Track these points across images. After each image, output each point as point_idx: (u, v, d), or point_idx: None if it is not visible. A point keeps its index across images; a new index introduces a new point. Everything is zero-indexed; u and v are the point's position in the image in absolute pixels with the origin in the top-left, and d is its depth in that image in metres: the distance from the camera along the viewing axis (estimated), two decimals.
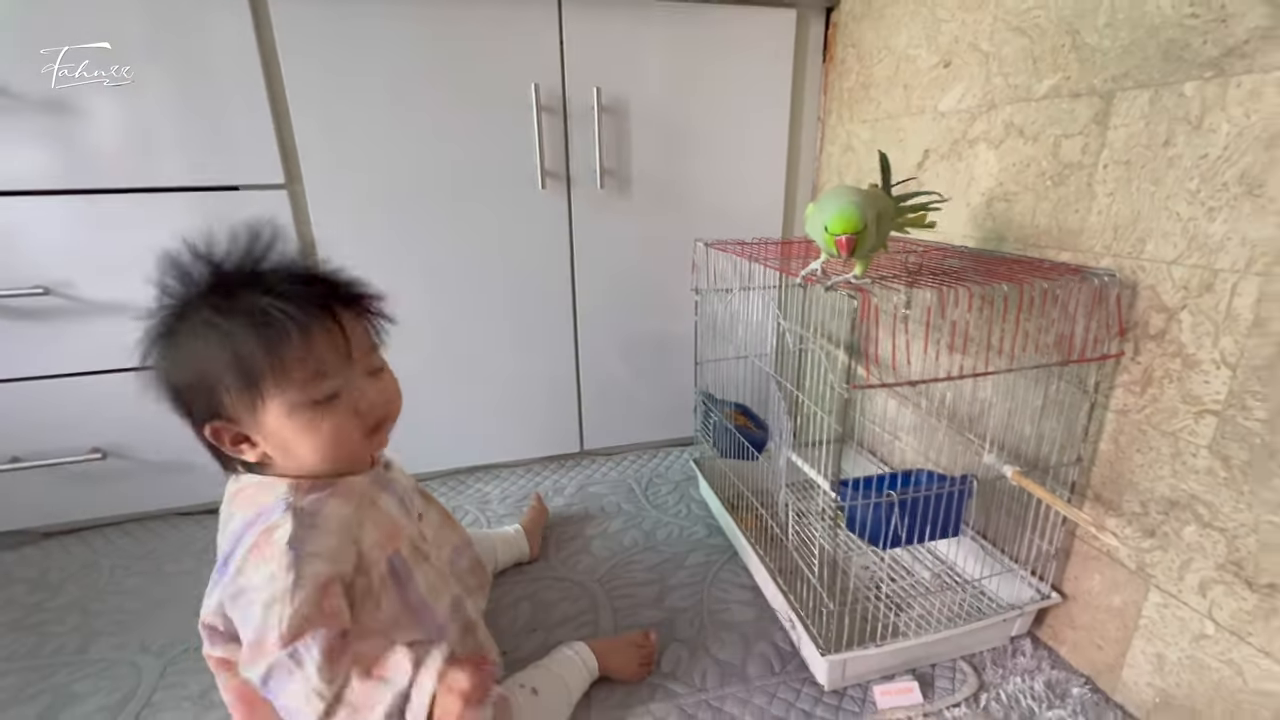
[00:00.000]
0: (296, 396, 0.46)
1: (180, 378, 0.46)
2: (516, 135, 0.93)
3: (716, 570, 0.86)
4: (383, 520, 0.53)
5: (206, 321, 0.44)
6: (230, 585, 0.45)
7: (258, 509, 0.47)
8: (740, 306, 0.83)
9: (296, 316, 0.44)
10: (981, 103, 0.75)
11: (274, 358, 0.44)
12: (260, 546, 0.45)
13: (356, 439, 0.49)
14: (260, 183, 0.87)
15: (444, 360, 1.02)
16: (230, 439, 0.47)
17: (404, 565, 0.53)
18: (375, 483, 0.55)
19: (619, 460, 1.17)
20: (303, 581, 0.44)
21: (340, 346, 0.47)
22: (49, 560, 0.91)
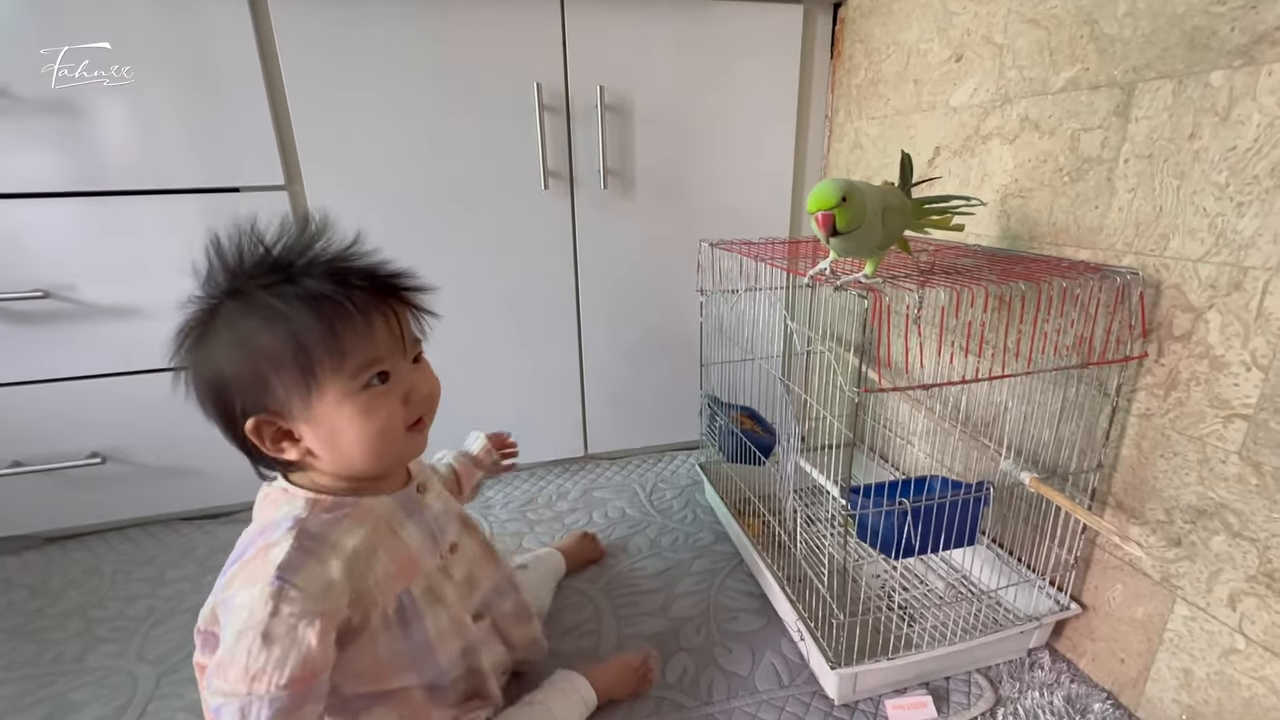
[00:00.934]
0: (350, 383, 0.44)
1: (228, 367, 0.42)
2: (518, 135, 0.92)
3: (723, 578, 0.84)
4: (399, 552, 0.50)
5: (263, 304, 0.42)
6: (221, 592, 0.44)
7: (268, 521, 0.46)
8: (746, 307, 0.81)
9: (358, 300, 0.43)
10: (995, 97, 0.73)
11: (334, 341, 0.42)
12: (254, 563, 0.43)
13: (399, 432, 0.47)
14: (261, 184, 0.86)
15: (445, 362, 1.00)
16: (271, 436, 0.45)
17: (413, 606, 0.50)
18: (402, 507, 0.51)
19: (624, 465, 1.16)
20: (279, 621, 0.41)
21: (395, 333, 0.46)
22: (51, 565, 0.90)
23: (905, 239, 0.65)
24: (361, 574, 0.47)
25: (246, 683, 0.40)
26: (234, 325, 0.42)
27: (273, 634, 0.41)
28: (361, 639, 0.47)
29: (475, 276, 0.98)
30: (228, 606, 0.43)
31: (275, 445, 0.46)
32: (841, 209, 0.50)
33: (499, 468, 0.74)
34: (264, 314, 0.42)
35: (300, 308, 0.42)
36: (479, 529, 0.62)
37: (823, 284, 0.55)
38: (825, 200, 0.50)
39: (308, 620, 0.42)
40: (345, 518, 0.47)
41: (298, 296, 0.42)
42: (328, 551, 0.45)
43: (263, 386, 0.43)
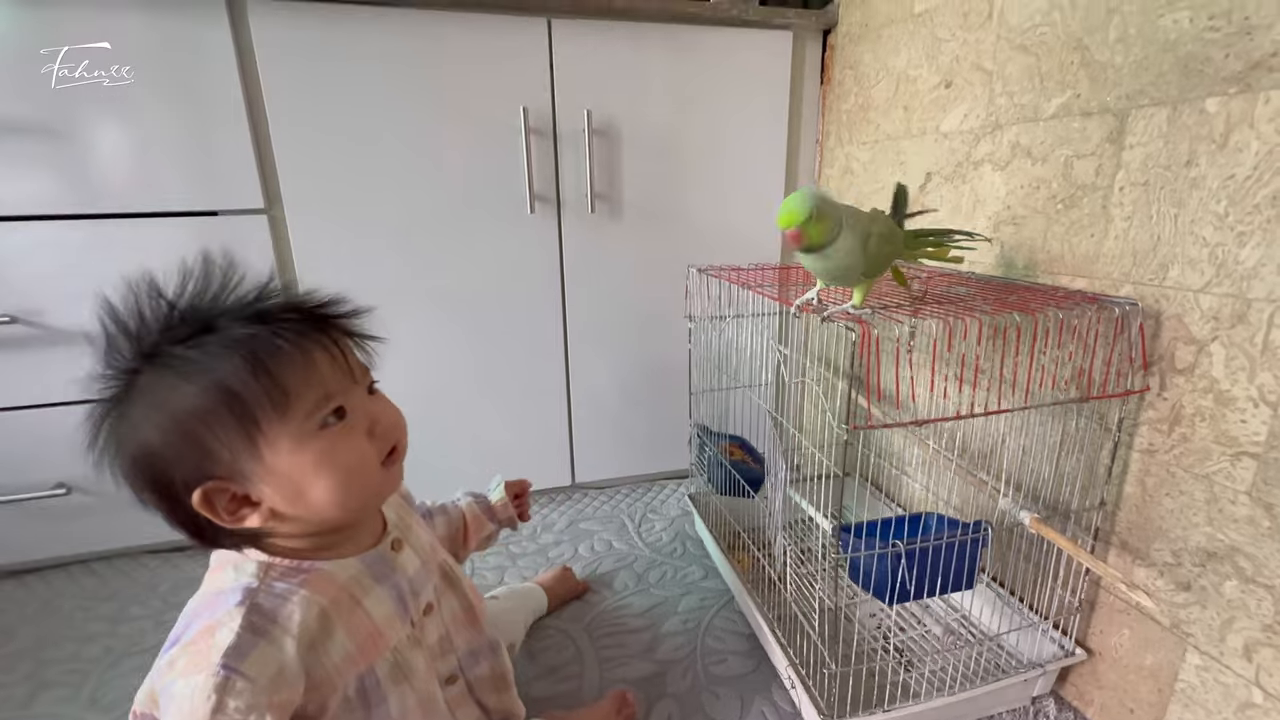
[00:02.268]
0: (303, 424, 0.40)
1: (154, 438, 0.38)
2: (504, 158, 0.91)
3: (712, 617, 0.80)
4: (360, 628, 0.44)
5: (180, 360, 0.38)
6: (161, 676, 0.39)
7: (215, 591, 0.41)
8: (735, 335, 0.79)
9: (287, 335, 0.39)
10: (986, 123, 0.72)
11: (270, 382, 0.38)
12: (197, 645, 0.38)
13: (373, 469, 0.43)
14: (239, 208, 0.84)
15: (428, 389, 0.98)
16: (226, 505, 0.40)
17: (376, 688, 0.44)
18: (369, 570, 0.46)
19: (611, 494, 1.12)
20: (223, 716, 0.36)
21: (340, 364, 0.42)
22: (6, 601, 0.86)
23: (900, 271, 0.63)
24: (318, 657, 0.41)
25: None
26: (151, 391, 0.38)
27: None
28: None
29: (459, 301, 0.96)
30: (168, 694, 0.38)
31: (233, 515, 0.41)
32: (810, 225, 0.48)
33: (513, 523, 0.69)
34: (182, 370, 0.38)
35: (223, 354, 0.38)
36: (462, 584, 0.55)
37: (810, 314, 0.53)
38: (792, 216, 0.48)
39: (257, 714, 0.37)
40: (302, 587, 0.42)
41: (218, 344, 0.38)
42: (279, 633, 0.40)
43: (200, 451, 0.38)
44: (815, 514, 0.59)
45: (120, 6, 0.74)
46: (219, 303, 0.40)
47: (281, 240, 0.87)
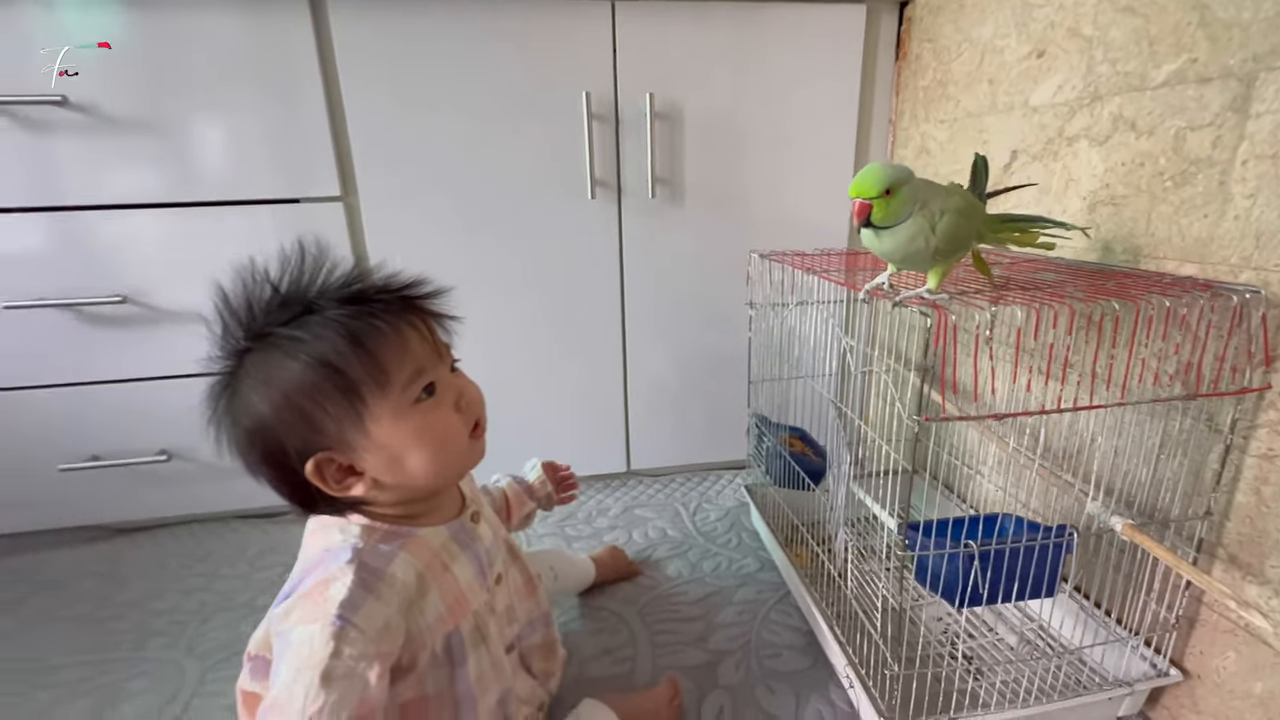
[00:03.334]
0: (400, 399, 0.43)
1: (268, 413, 0.41)
2: (566, 144, 0.91)
3: (767, 610, 0.79)
4: (450, 590, 0.47)
5: (288, 340, 0.41)
6: (278, 623, 0.42)
7: (325, 548, 0.45)
8: (798, 323, 0.76)
9: (383, 315, 0.42)
10: (1083, 94, 0.66)
11: (371, 360, 0.41)
12: (313, 596, 0.41)
13: (463, 440, 0.46)
14: (318, 195, 0.89)
15: (489, 373, 1.00)
16: (334, 474, 0.43)
17: (460, 647, 0.47)
18: (455, 539, 0.50)
19: (666, 482, 1.12)
20: (339, 661, 0.39)
21: (429, 342, 0.46)
22: (119, 555, 0.95)
23: (982, 258, 0.59)
24: (415, 615, 0.44)
25: None
26: (264, 369, 0.41)
27: (332, 674, 0.39)
28: (411, 676, 0.45)
29: (519, 286, 0.97)
30: (285, 640, 0.41)
31: (340, 484, 0.44)
32: (884, 200, 0.45)
33: (553, 501, 0.71)
34: (291, 349, 0.41)
35: (327, 334, 0.41)
36: (522, 558, 0.59)
37: (880, 299, 0.50)
38: (866, 187, 0.45)
39: (367, 662, 0.40)
40: (402, 550, 0.45)
41: (321, 324, 0.41)
42: (386, 589, 0.43)
43: (310, 424, 0.42)
44: (880, 511, 0.56)
45: (215, 6, 0.79)
46: (316, 286, 0.43)
47: (356, 226, 0.91)
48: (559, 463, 0.74)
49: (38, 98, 0.78)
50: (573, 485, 0.74)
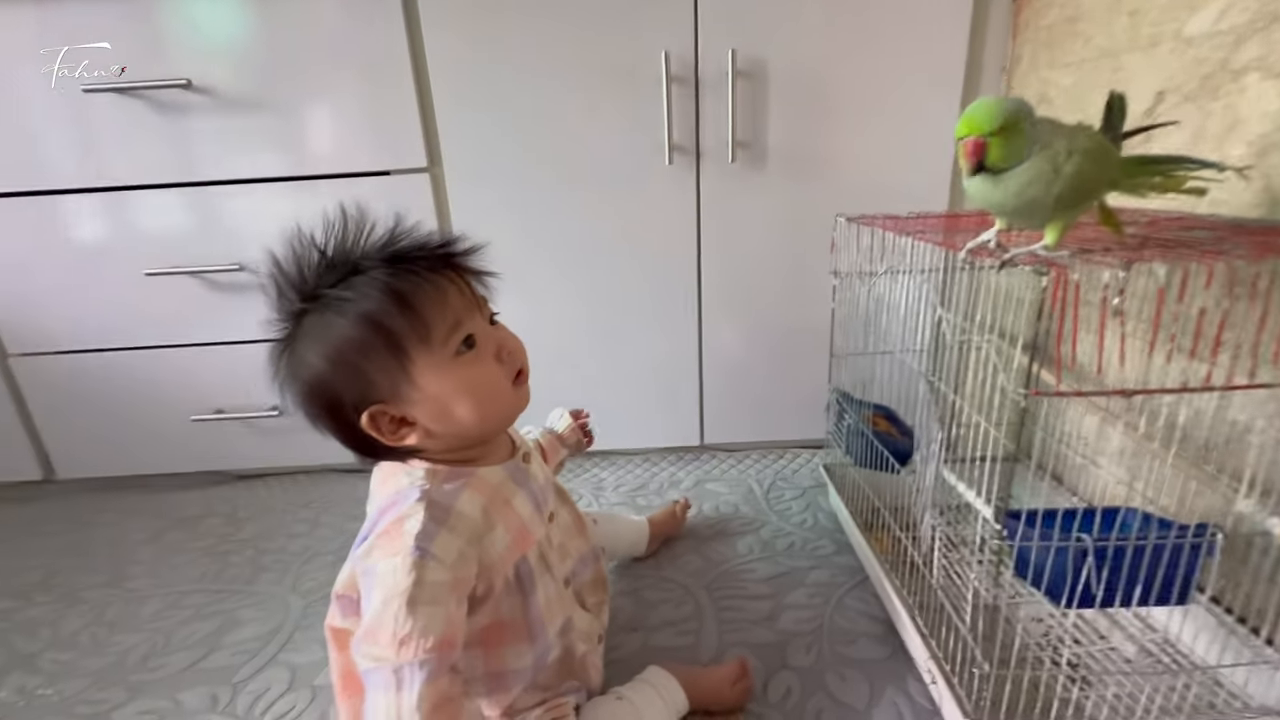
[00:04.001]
0: (441, 352, 0.45)
1: (322, 369, 0.44)
2: (644, 108, 0.88)
3: (842, 594, 0.75)
4: (514, 522, 0.50)
5: (336, 300, 0.43)
6: (360, 562, 0.45)
7: (395, 491, 0.47)
8: (888, 292, 0.70)
9: (422, 272, 0.44)
10: (1256, 18, 0.55)
11: (413, 315, 0.43)
12: (390, 534, 0.44)
13: (506, 389, 0.49)
14: (407, 167, 0.92)
15: (566, 341, 1.02)
16: (388, 424, 0.46)
17: (530, 575, 0.50)
18: (512, 477, 0.52)
19: (741, 458, 1.09)
20: (422, 588, 0.42)
21: (467, 295, 0.47)
22: (239, 498, 1.06)
23: (1112, 213, 0.51)
24: (485, 546, 0.47)
25: (395, 648, 0.40)
26: (316, 329, 0.44)
27: (417, 600, 0.41)
28: (487, 604, 0.48)
29: (594, 254, 0.97)
30: (370, 575, 0.44)
31: (394, 435, 0.46)
32: (999, 138, 0.39)
33: (581, 447, 0.75)
34: (341, 308, 0.43)
35: (371, 292, 0.43)
36: (570, 499, 0.62)
37: (985, 259, 0.44)
38: (979, 122, 0.40)
39: (447, 588, 0.43)
40: (464, 489, 0.47)
41: (366, 283, 0.43)
42: (455, 521, 0.45)
43: (362, 378, 0.44)
44: (974, 497, 0.51)
45: None
46: (360, 248, 0.45)
47: (441, 196, 0.94)
48: (579, 410, 0.78)
49: (167, 82, 0.85)
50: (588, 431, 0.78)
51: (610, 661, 0.65)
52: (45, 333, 1.00)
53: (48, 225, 0.94)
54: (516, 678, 0.51)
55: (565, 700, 0.54)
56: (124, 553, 0.93)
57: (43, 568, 0.91)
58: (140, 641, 0.75)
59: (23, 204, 0.93)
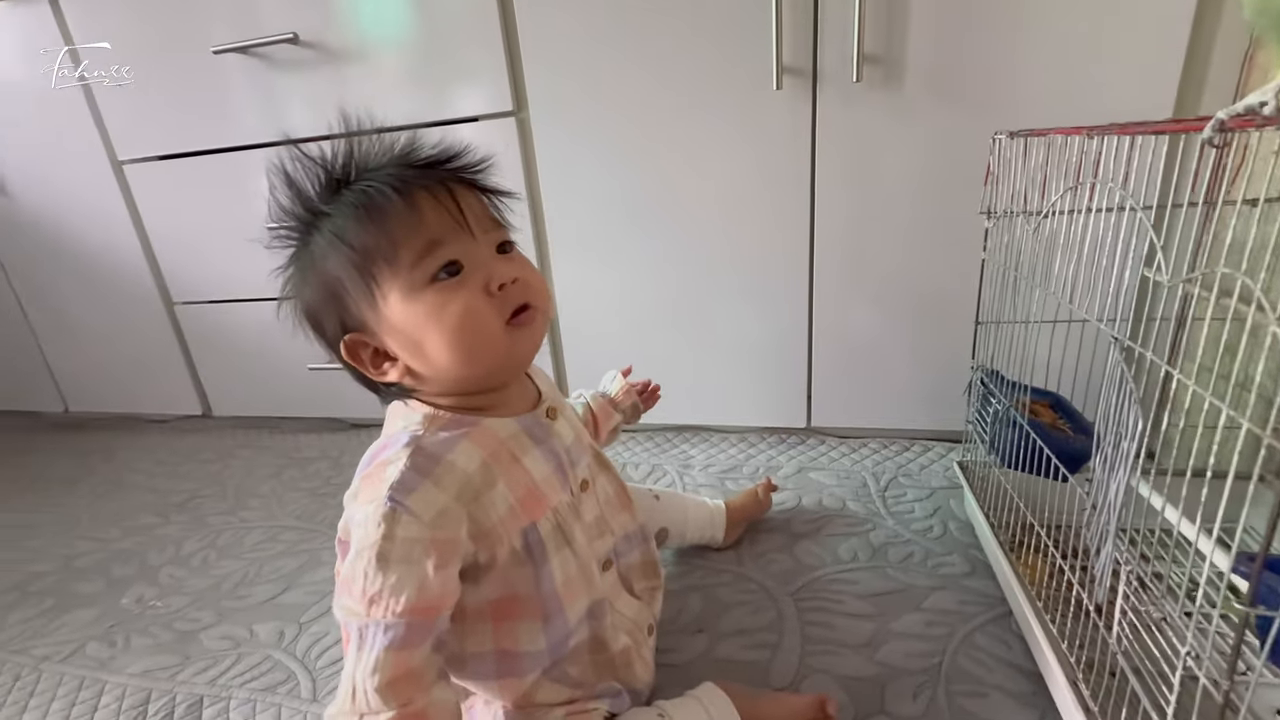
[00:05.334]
0: (412, 275, 0.40)
1: (309, 295, 0.42)
2: (748, 25, 0.74)
3: (973, 629, 0.58)
4: (521, 482, 0.44)
5: (324, 217, 0.41)
6: (347, 505, 0.42)
7: (389, 434, 0.44)
8: (1066, 234, 0.51)
9: (394, 185, 0.39)
10: None
11: (378, 231, 0.39)
12: (372, 478, 0.40)
13: (496, 326, 0.41)
14: (493, 112, 0.87)
15: (657, 303, 0.92)
16: (370, 356, 0.43)
17: (540, 545, 0.44)
18: (527, 431, 0.46)
19: (854, 446, 0.93)
20: (393, 543, 0.37)
21: (453, 213, 0.41)
22: (348, 445, 1.12)
23: None
24: (483, 506, 0.41)
25: (365, 605, 0.37)
26: (307, 251, 0.42)
27: (388, 557, 0.37)
28: (492, 574, 0.43)
29: (686, 205, 0.85)
30: (353, 522, 0.41)
31: (377, 369, 0.43)
32: None
33: (638, 411, 0.67)
34: (323, 227, 0.40)
35: (344, 208, 0.40)
36: (612, 468, 0.54)
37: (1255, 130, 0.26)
38: None
39: (422, 547, 0.38)
40: (463, 439, 0.42)
41: (343, 198, 0.40)
42: (443, 473, 0.40)
43: (337, 303, 0.41)
44: (1191, 528, 0.33)
45: None
46: (362, 164, 0.41)
47: (528, 141, 0.88)
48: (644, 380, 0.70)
49: (274, 37, 0.88)
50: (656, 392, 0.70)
51: (664, 665, 0.56)
52: (201, 283, 1.12)
53: (193, 183, 1.03)
54: (530, 661, 0.45)
55: (595, 707, 0.47)
56: (249, 486, 1.02)
57: (187, 492, 1.02)
58: (237, 569, 0.80)
59: (175, 165, 1.03)
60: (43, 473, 1.15)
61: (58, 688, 0.64)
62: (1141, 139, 0.40)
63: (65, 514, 0.98)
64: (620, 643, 0.49)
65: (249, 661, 0.65)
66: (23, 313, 1.23)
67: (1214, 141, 0.28)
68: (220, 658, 0.65)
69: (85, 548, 0.88)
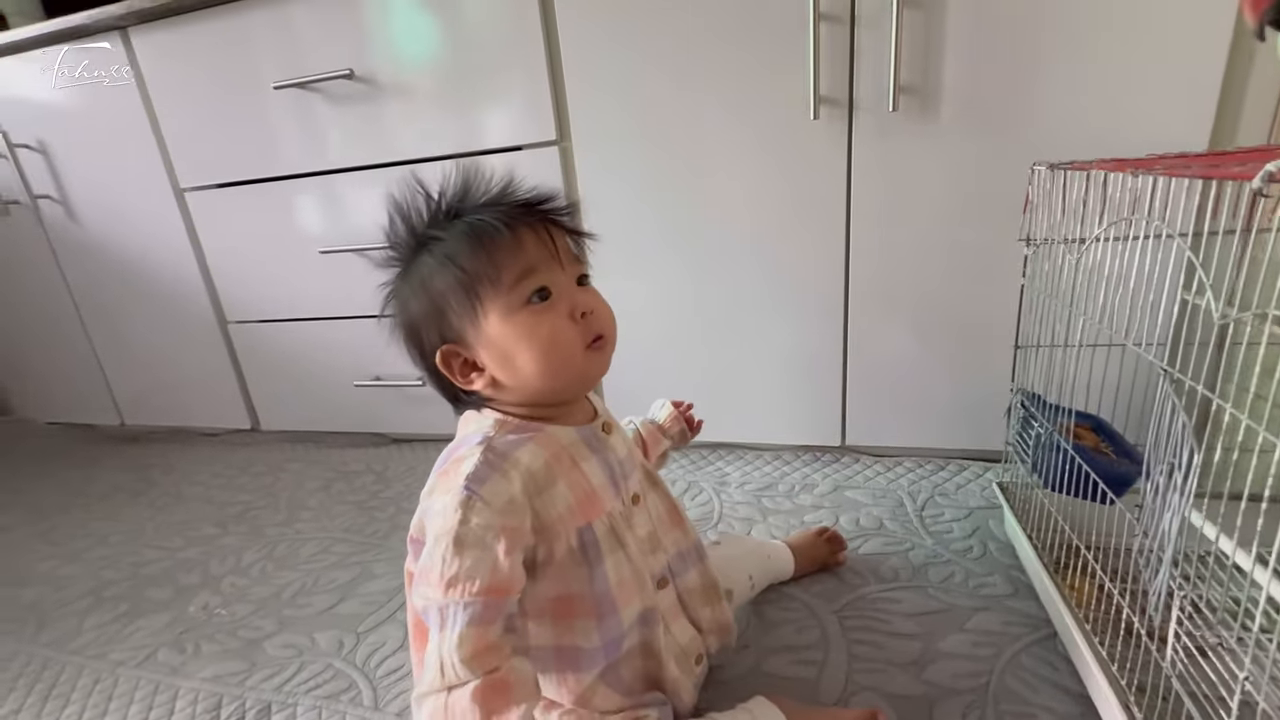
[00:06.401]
0: (510, 298, 0.45)
1: (415, 308, 0.47)
2: (785, 57, 0.77)
3: (1019, 650, 0.59)
4: (579, 484, 0.47)
5: (429, 241, 0.46)
6: (423, 500, 0.46)
7: (463, 436, 0.48)
8: (1106, 262, 0.52)
9: (502, 218, 0.45)
10: None
11: (486, 258, 0.44)
12: (448, 473, 0.44)
13: (577, 348, 0.46)
14: (537, 141, 0.91)
15: (694, 323, 0.94)
16: (460, 367, 0.47)
17: (595, 545, 0.47)
18: (585, 441, 0.49)
19: (890, 465, 0.94)
20: (468, 529, 0.41)
21: (547, 245, 0.46)
22: (390, 459, 1.16)
23: None
24: (545, 502, 0.45)
25: (443, 588, 0.41)
26: (416, 270, 0.47)
27: (464, 541, 0.41)
28: (550, 570, 0.46)
29: (723, 230, 0.88)
30: (429, 514, 0.44)
31: (464, 377, 0.47)
32: None
33: (686, 437, 0.69)
34: (433, 247, 0.46)
35: (456, 236, 0.45)
36: (663, 485, 0.57)
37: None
38: None
39: (494, 533, 0.42)
40: (529, 441, 0.46)
41: (456, 228, 0.45)
42: (510, 467, 0.44)
43: (440, 317, 0.46)
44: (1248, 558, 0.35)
45: None
46: (467, 199, 0.47)
47: (570, 169, 0.92)
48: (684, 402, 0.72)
49: (332, 74, 0.93)
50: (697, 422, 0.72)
51: (712, 680, 0.58)
52: (252, 303, 1.17)
53: (249, 209, 1.09)
54: (587, 658, 0.48)
55: (645, 715, 0.49)
56: (300, 499, 1.06)
57: (242, 504, 1.06)
58: (295, 579, 0.83)
59: (233, 193, 1.08)
60: (106, 484, 1.20)
61: (134, 691, 0.68)
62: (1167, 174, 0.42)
63: (131, 524, 1.03)
64: (669, 668, 0.51)
65: (312, 669, 0.67)
66: (85, 331, 1.30)
67: (1264, 192, 0.30)
68: (285, 665, 0.69)
69: (152, 556, 0.93)
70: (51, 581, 0.90)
